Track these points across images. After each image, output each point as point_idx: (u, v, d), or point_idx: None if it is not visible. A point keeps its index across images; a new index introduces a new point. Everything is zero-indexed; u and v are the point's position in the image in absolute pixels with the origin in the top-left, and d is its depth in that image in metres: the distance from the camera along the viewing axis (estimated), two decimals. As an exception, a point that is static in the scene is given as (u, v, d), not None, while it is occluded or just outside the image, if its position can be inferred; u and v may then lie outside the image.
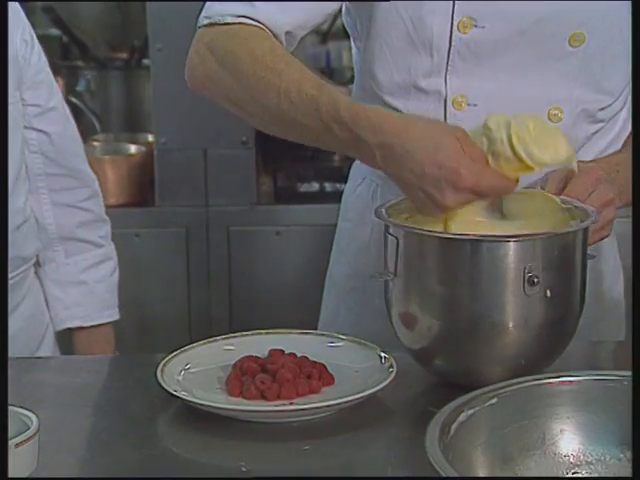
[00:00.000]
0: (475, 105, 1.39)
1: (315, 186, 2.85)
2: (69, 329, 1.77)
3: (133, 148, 2.94)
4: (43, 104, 1.66)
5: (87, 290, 1.77)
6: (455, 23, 1.35)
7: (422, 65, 1.39)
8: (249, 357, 1.21)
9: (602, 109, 1.43)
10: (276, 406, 1.13)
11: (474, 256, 1.12)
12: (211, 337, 1.28)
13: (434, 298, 1.15)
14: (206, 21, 1.38)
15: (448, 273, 1.14)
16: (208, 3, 1.41)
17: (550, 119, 1.39)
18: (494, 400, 0.93)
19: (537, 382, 0.96)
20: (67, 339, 1.79)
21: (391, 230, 1.18)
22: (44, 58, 1.67)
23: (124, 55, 3.17)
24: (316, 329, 1.60)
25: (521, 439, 0.93)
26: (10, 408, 0.98)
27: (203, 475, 1.03)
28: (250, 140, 2.73)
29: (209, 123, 2.66)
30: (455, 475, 0.79)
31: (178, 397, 1.13)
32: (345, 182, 1.65)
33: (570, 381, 0.96)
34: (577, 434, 0.94)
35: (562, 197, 1.23)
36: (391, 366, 1.18)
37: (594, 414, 0.95)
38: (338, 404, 1.11)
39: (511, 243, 1.12)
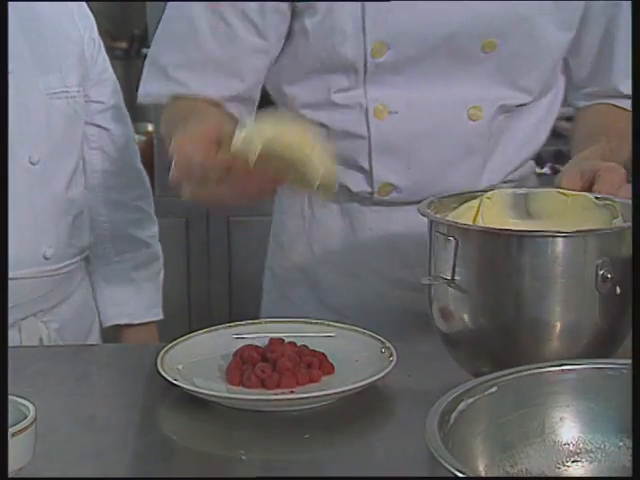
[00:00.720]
0: (396, 112, 1.42)
1: (315, 176, 2.85)
2: (116, 326, 1.79)
3: (133, 138, 2.93)
4: (106, 101, 1.71)
5: (135, 288, 1.78)
6: (368, 50, 1.37)
7: (340, 83, 1.41)
8: (249, 346, 1.21)
9: (520, 105, 1.45)
10: (276, 395, 1.13)
11: (551, 253, 1.06)
12: (211, 326, 1.28)
13: (503, 298, 1.09)
14: (148, 100, 1.44)
15: (521, 272, 1.07)
16: (143, 79, 1.44)
17: (470, 118, 1.42)
18: (494, 389, 0.93)
19: (537, 371, 0.96)
20: (112, 335, 1.80)
21: (442, 229, 1.10)
22: (107, 58, 1.72)
23: (124, 44, 3.17)
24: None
25: (521, 427, 0.93)
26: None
27: (203, 464, 1.03)
28: (250, 130, 2.72)
29: (209, 113, 2.66)
30: (456, 464, 0.79)
31: (178, 386, 1.13)
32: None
33: (570, 369, 0.96)
34: (577, 422, 0.94)
35: (594, 194, 1.18)
36: (391, 355, 1.18)
37: (594, 402, 0.94)
38: (338, 393, 1.11)
39: (587, 238, 1.06)
